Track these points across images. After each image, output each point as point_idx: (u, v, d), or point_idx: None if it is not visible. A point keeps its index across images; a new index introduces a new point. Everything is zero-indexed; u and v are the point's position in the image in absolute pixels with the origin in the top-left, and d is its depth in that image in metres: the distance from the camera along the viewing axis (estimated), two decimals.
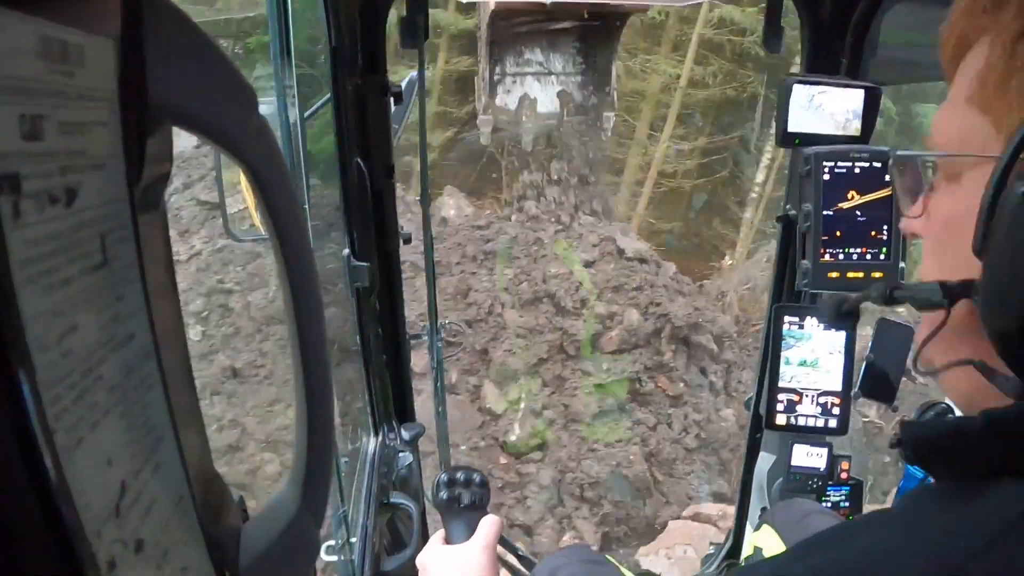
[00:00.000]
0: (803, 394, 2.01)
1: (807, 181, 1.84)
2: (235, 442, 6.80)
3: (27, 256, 0.25)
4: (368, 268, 1.93)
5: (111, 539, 0.30)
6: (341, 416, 2.35)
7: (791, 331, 1.99)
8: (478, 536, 1.22)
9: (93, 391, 0.30)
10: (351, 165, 1.89)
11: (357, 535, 1.84)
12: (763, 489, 2.25)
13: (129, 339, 0.33)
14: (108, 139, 0.33)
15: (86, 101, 0.31)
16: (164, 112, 0.37)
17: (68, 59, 0.29)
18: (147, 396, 0.35)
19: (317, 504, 0.49)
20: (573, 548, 1.45)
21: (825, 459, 2.10)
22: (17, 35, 0.25)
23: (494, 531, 1.23)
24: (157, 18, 0.36)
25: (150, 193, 0.38)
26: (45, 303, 0.26)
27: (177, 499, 0.37)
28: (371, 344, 2.12)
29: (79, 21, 0.30)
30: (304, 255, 0.47)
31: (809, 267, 1.85)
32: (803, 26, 2.09)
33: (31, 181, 0.26)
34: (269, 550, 0.45)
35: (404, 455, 2.30)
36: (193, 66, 0.38)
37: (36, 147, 0.26)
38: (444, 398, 2.98)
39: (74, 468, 0.27)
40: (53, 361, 0.27)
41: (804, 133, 1.86)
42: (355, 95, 1.85)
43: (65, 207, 0.28)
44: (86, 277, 0.30)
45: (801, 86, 1.84)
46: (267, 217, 0.45)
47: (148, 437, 0.35)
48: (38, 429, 0.25)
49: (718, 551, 2.84)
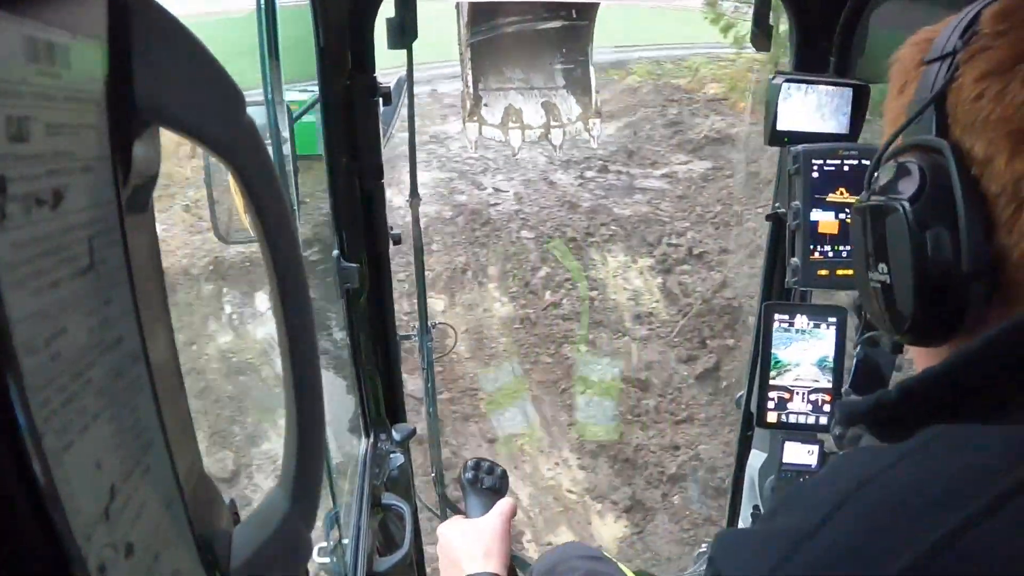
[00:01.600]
0: (794, 391, 2.01)
1: (796, 179, 1.85)
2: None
3: (13, 259, 0.25)
4: (358, 269, 1.92)
5: (101, 543, 0.30)
6: (331, 417, 2.35)
7: (781, 329, 2.00)
8: (494, 510, 1.38)
9: (82, 394, 0.29)
10: (340, 166, 1.89)
11: (349, 536, 1.84)
12: (755, 487, 2.25)
13: (118, 342, 0.33)
14: (95, 141, 0.32)
15: (73, 103, 0.30)
16: (151, 114, 0.37)
17: (54, 60, 0.29)
18: (136, 399, 0.35)
19: (308, 506, 0.49)
20: (571, 545, 1.51)
21: (817, 456, 2.11)
22: (3, 36, 0.25)
23: (509, 508, 1.38)
24: (144, 20, 0.36)
25: (138, 195, 0.38)
26: (32, 306, 0.26)
27: (167, 502, 0.37)
28: (361, 345, 2.11)
29: (65, 22, 0.30)
30: (293, 256, 0.47)
31: (799, 265, 1.86)
32: (791, 24, 2.10)
33: (17, 183, 0.25)
34: (260, 552, 0.45)
35: (395, 456, 2.29)
36: (180, 68, 0.38)
37: (22, 149, 0.26)
38: (435, 399, 2.97)
39: (63, 472, 0.27)
40: (41, 364, 0.27)
41: (793, 131, 1.87)
42: (344, 96, 1.85)
43: (52, 209, 0.28)
44: (74, 280, 0.30)
45: (790, 84, 1.85)
46: (255, 219, 0.45)
47: (138, 440, 0.34)
48: (27, 433, 0.25)
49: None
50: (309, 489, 0.49)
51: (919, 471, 0.54)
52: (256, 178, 0.43)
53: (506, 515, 1.37)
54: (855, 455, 0.64)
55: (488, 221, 10.68)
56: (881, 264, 0.71)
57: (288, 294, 0.46)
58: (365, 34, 1.86)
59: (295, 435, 0.48)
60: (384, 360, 2.31)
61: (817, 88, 1.85)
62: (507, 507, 1.38)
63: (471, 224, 10.59)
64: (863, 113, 1.88)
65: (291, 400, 0.48)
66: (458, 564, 1.31)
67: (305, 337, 0.48)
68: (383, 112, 2.05)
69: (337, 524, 1.82)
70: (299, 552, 0.49)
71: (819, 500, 0.56)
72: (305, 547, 0.50)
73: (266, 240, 0.45)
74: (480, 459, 1.50)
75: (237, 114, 0.41)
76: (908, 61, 0.73)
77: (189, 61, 0.38)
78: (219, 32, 1.38)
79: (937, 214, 0.64)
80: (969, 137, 0.63)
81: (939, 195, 0.64)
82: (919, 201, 0.66)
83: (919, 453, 0.55)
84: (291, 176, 1.54)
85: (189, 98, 0.38)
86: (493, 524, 1.35)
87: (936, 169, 0.65)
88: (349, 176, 1.93)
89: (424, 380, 2.99)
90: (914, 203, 0.66)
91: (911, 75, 0.72)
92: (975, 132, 0.63)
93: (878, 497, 0.53)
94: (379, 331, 2.25)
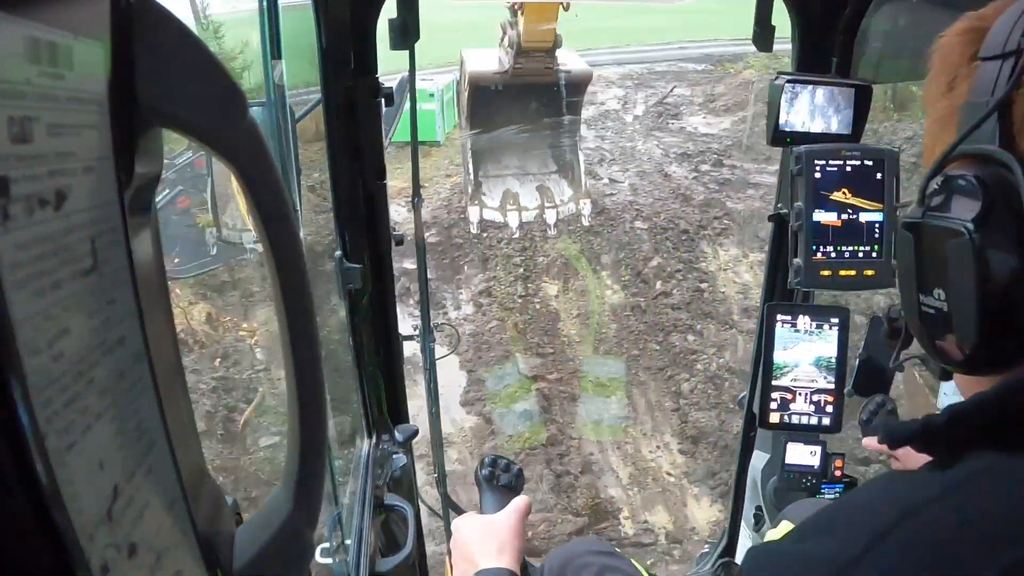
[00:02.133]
0: (796, 392, 2.01)
1: (798, 180, 1.85)
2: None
3: (16, 260, 0.25)
4: (360, 270, 1.92)
5: (104, 543, 0.30)
6: (334, 418, 2.35)
7: (784, 329, 2.00)
8: (509, 507, 1.38)
9: (85, 395, 0.29)
10: (342, 167, 1.89)
11: (352, 537, 1.84)
12: (757, 487, 2.25)
13: (120, 343, 0.33)
14: (98, 142, 0.32)
15: (75, 103, 0.30)
16: (154, 114, 0.37)
17: (57, 61, 0.29)
18: (139, 400, 0.35)
19: (310, 506, 0.49)
20: (582, 540, 1.52)
21: (819, 457, 2.10)
22: (5, 37, 0.25)
23: (524, 505, 1.39)
24: (147, 21, 0.36)
25: (140, 196, 0.38)
26: (35, 307, 0.26)
27: (170, 503, 0.37)
28: (364, 346, 2.11)
29: (68, 23, 0.30)
30: (295, 257, 0.47)
31: (801, 265, 1.86)
32: (793, 25, 2.10)
33: (20, 184, 0.26)
34: (262, 553, 0.45)
35: (398, 457, 2.29)
36: (183, 68, 0.38)
37: (25, 149, 0.26)
38: (437, 399, 2.97)
39: (66, 472, 0.27)
40: (44, 365, 0.27)
41: (795, 132, 1.87)
42: (346, 97, 1.85)
43: (55, 210, 0.28)
44: (76, 280, 0.30)
45: (792, 85, 1.85)
46: (258, 220, 0.45)
47: (141, 441, 0.34)
48: (29, 433, 0.25)
49: (713, 549, 2.85)
50: (311, 490, 0.49)
51: (968, 508, 0.51)
52: (259, 179, 0.43)
53: (521, 512, 1.37)
54: (892, 480, 0.61)
55: (603, 211, 10.99)
56: (937, 290, 0.64)
57: (290, 295, 0.46)
58: (367, 35, 1.86)
59: (298, 436, 0.48)
60: (386, 361, 2.31)
61: (819, 88, 1.85)
62: (522, 504, 1.39)
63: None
64: (865, 113, 1.88)
65: (293, 401, 0.48)
66: (472, 559, 1.31)
67: (307, 338, 0.48)
68: (385, 113, 2.05)
69: (340, 525, 1.82)
70: (301, 553, 0.49)
71: (859, 528, 0.54)
72: (307, 548, 0.50)
73: (268, 240, 0.45)
74: (497, 456, 1.51)
75: (239, 114, 0.41)
76: (956, 54, 0.67)
77: (191, 62, 0.38)
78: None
79: (1007, 239, 0.58)
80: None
81: (1008, 217, 0.58)
82: (986, 224, 0.59)
83: (967, 488, 0.53)
84: (293, 177, 1.53)
85: (191, 99, 0.38)
86: (508, 521, 1.35)
87: (1002, 186, 0.58)
88: (351, 177, 1.93)
89: (426, 381, 2.98)
90: (980, 226, 0.59)
91: (962, 71, 0.65)
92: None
93: (924, 532, 0.51)
94: (381, 332, 2.25)
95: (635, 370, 8.76)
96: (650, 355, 8.92)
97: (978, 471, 0.53)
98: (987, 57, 0.62)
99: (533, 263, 10.22)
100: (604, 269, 10.14)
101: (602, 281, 9.95)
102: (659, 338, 9.08)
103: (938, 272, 0.64)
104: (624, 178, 11.64)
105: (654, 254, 10.15)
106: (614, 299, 9.73)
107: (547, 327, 9.16)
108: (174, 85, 0.37)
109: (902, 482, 0.61)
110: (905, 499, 0.54)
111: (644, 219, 10.75)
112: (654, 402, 8.37)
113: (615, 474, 7.57)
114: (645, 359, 8.88)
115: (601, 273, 10.07)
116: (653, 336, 9.12)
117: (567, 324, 9.31)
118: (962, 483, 0.53)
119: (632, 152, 12.18)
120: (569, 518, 6.94)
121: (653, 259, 10.06)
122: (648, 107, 13.75)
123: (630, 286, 9.86)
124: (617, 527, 7.00)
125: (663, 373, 8.66)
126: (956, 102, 0.65)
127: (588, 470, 7.49)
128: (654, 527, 6.97)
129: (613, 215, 10.87)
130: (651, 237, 10.45)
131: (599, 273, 10.05)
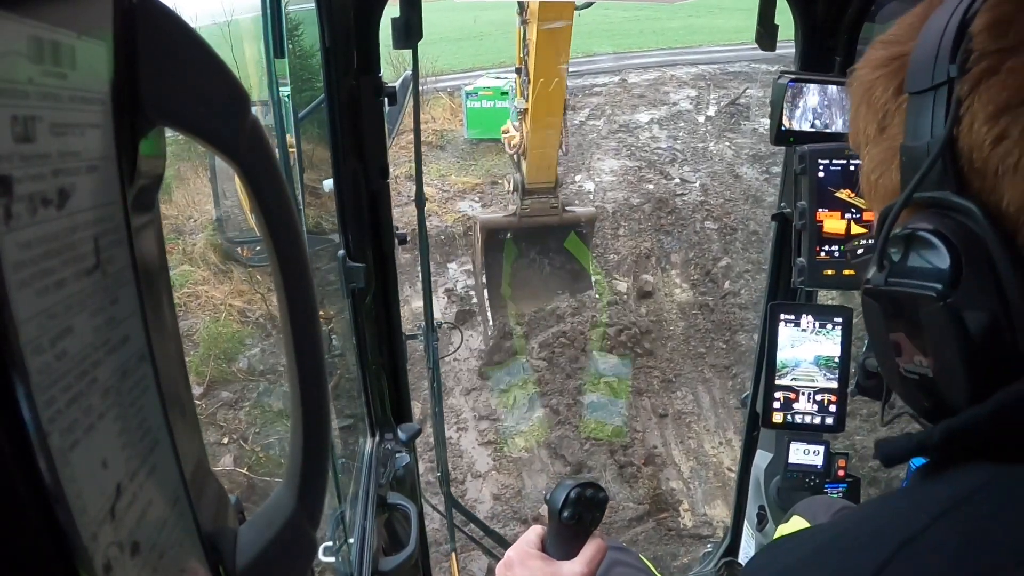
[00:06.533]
0: (800, 392, 2.01)
1: (802, 179, 1.85)
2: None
3: (20, 259, 0.25)
4: (364, 269, 1.93)
5: (107, 542, 0.30)
6: (337, 416, 2.35)
7: (787, 329, 2.00)
8: (582, 558, 1.12)
9: (88, 394, 0.29)
10: (346, 166, 1.89)
11: (354, 536, 1.84)
12: (760, 487, 2.25)
13: (124, 342, 0.33)
14: (101, 141, 0.32)
15: (78, 103, 0.30)
16: (157, 113, 0.37)
17: (60, 60, 0.29)
18: (142, 398, 0.35)
19: (313, 505, 0.49)
20: (622, 548, 1.36)
21: (822, 456, 2.10)
22: (8, 36, 0.25)
23: (598, 559, 1.13)
24: (150, 19, 0.36)
25: (144, 195, 0.38)
26: (38, 306, 0.26)
27: (173, 501, 0.37)
28: (367, 345, 2.11)
29: (71, 22, 0.30)
30: (298, 257, 0.47)
31: (804, 265, 1.86)
32: (797, 24, 2.10)
33: (23, 183, 0.26)
34: (265, 551, 0.45)
35: (401, 455, 2.29)
36: (186, 67, 0.38)
37: (28, 149, 0.26)
38: (441, 398, 2.97)
39: (69, 471, 0.27)
40: (47, 364, 0.27)
41: (798, 131, 1.87)
42: (349, 96, 1.85)
43: (58, 209, 0.28)
44: (80, 280, 0.30)
45: (795, 84, 1.85)
46: (261, 219, 0.45)
47: (143, 439, 0.35)
48: (33, 432, 0.25)
49: (716, 549, 2.85)
50: (315, 488, 0.49)
51: (968, 530, 0.49)
52: (262, 178, 0.43)
53: (593, 565, 1.12)
54: (892, 501, 0.59)
55: (673, 210, 11.05)
56: (918, 358, 0.59)
57: (293, 294, 0.47)
58: (370, 34, 1.86)
59: (301, 434, 0.48)
60: (390, 360, 2.31)
61: (823, 87, 1.84)
62: (595, 553, 1.12)
63: (657, 212, 10.99)
64: None
65: (297, 399, 0.48)
66: None
67: (310, 336, 0.48)
68: (388, 112, 2.05)
69: (343, 523, 1.82)
70: (304, 551, 0.49)
71: (861, 553, 0.51)
72: (310, 546, 0.50)
73: (271, 240, 0.45)
74: (585, 486, 1.17)
75: (243, 114, 0.41)
76: (880, 90, 0.62)
77: (195, 61, 0.38)
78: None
79: (983, 297, 0.53)
80: (996, 190, 0.52)
81: (980, 273, 0.53)
82: (959, 284, 0.54)
83: (965, 508, 0.50)
84: (297, 176, 1.54)
85: (194, 98, 0.38)
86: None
87: (967, 238, 0.53)
88: (355, 176, 1.93)
89: (430, 380, 2.99)
90: (953, 289, 0.54)
91: (891, 107, 0.61)
92: (1003, 183, 0.52)
93: (927, 558, 0.48)
94: (385, 331, 2.26)
95: (701, 367, 8.88)
96: (716, 353, 9.06)
97: (977, 487, 0.50)
98: (916, 92, 0.57)
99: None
100: (673, 267, 10.27)
101: (671, 279, 10.12)
102: (725, 336, 9.21)
103: (915, 339, 0.59)
104: (695, 178, 11.68)
105: (723, 254, 10.25)
106: (682, 297, 9.87)
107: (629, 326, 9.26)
108: (177, 84, 0.37)
109: (905, 501, 0.58)
110: (907, 523, 0.51)
111: (714, 219, 10.83)
112: (718, 399, 8.49)
113: (677, 467, 7.71)
114: (711, 357, 9.01)
115: (670, 271, 10.22)
116: (720, 335, 9.25)
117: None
118: (961, 502, 0.50)
119: (704, 152, 12.19)
120: (631, 505, 7.14)
121: (722, 259, 10.16)
122: (720, 108, 13.73)
123: (699, 284, 9.97)
124: (676, 518, 7.14)
125: (728, 371, 8.79)
126: (894, 144, 0.61)
127: (651, 462, 7.67)
128: (712, 520, 7.07)
129: (684, 215, 10.93)
130: (720, 237, 10.55)
131: (668, 272, 10.20)
